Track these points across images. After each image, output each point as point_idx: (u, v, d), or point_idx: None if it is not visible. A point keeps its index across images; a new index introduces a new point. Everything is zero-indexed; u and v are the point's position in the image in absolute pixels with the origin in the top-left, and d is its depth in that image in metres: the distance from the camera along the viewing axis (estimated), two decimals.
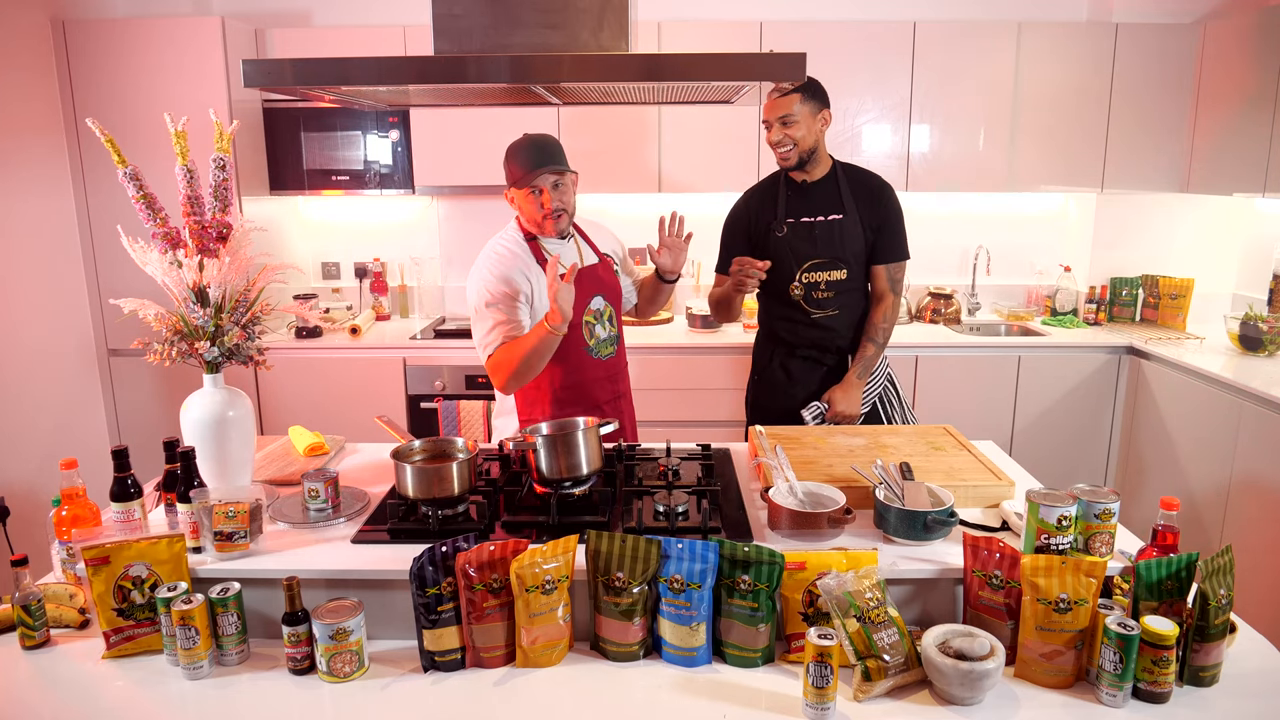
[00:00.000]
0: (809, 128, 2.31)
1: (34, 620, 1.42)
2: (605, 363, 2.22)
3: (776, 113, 2.29)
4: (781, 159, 2.36)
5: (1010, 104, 3.61)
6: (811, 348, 2.45)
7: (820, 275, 2.39)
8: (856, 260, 2.40)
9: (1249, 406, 2.83)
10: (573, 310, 1.96)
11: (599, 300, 2.19)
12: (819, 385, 2.46)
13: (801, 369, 2.47)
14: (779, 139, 2.32)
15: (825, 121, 2.35)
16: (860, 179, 2.42)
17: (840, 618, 1.31)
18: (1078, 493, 1.44)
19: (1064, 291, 3.95)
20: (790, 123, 2.29)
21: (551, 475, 1.69)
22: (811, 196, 2.40)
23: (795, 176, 2.41)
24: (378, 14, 3.80)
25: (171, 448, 1.61)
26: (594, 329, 2.18)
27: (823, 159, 2.39)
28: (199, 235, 1.64)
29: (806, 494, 1.63)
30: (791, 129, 2.29)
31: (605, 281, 2.23)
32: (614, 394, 2.26)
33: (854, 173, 2.44)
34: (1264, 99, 3.22)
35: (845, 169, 2.43)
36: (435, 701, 1.31)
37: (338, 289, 4.08)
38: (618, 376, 2.28)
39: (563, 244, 2.19)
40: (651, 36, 3.52)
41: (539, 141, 2.07)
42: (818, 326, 2.43)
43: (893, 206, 2.41)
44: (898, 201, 2.43)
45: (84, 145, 3.45)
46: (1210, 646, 1.30)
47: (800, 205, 2.41)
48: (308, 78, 1.54)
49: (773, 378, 2.53)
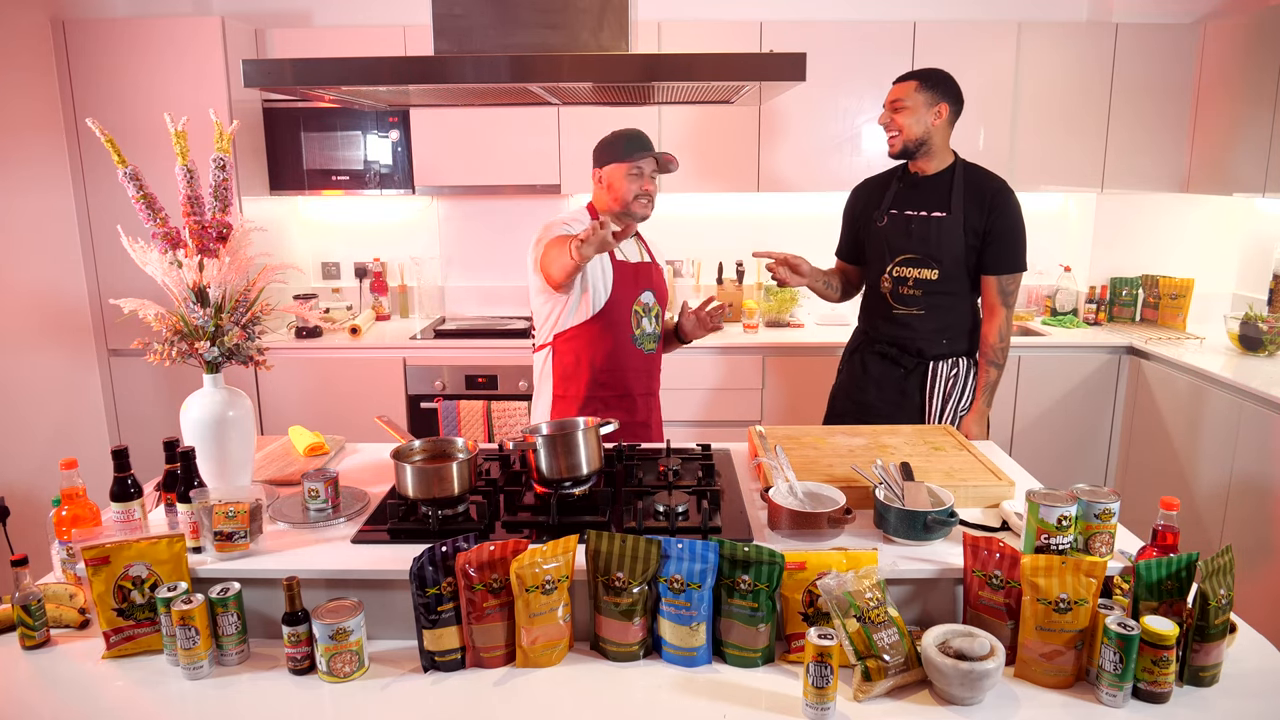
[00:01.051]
0: (919, 118, 2.29)
1: (34, 620, 1.42)
2: (647, 356, 2.29)
3: (890, 97, 2.31)
4: (889, 144, 2.36)
5: (1010, 104, 3.61)
6: (891, 345, 2.41)
7: (910, 271, 2.36)
8: (953, 262, 2.33)
9: (1249, 406, 2.83)
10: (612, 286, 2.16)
11: (649, 295, 2.28)
12: (893, 388, 2.41)
13: (879, 366, 2.44)
14: (886, 124, 2.33)
15: (940, 115, 2.31)
16: (977, 181, 2.35)
17: (840, 618, 1.31)
18: (1078, 493, 1.44)
19: (1064, 291, 3.95)
20: (900, 109, 2.28)
21: (551, 475, 1.69)
22: (921, 190, 2.38)
23: (911, 168, 2.40)
24: (378, 14, 3.80)
25: (171, 448, 1.61)
26: (641, 320, 2.25)
27: (939, 153, 2.35)
28: (199, 235, 1.64)
29: (806, 494, 1.64)
30: (900, 115, 2.29)
31: (656, 281, 2.32)
32: (648, 389, 2.32)
33: (974, 174, 2.37)
34: (1264, 99, 3.22)
35: (966, 169, 2.37)
36: (435, 701, 1.31)
37: (338, 289, 4.08)
38: (654, 373, 2.34)
39: (628, 240, 2.30)
40: (651, 36, 3.52)
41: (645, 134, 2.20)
42: (898, 323, 2.39)
43: (1008, 214, 2.32)
44: (1017, 209, 2.34)
45: (84, 145, 3.45)
46: (1210, 646, 1.30)
47: (907, 198, 2.39)
48: (308, 78, 1.54)
49: (851, 369, 2.52)
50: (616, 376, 2.25)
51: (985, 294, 2.37)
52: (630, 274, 2.25)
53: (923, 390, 2.41)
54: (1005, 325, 2.34)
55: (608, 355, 2.23)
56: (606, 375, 2.24)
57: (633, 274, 2.25)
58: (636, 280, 2.26)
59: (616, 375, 2.25)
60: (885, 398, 2.42)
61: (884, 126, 2.35)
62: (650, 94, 1.83)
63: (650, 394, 2.34)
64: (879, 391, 2.43)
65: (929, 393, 2.41)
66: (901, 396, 2.41)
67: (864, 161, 3.67)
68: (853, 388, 2.50)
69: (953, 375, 2.40)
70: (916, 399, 2.41)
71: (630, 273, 2.25)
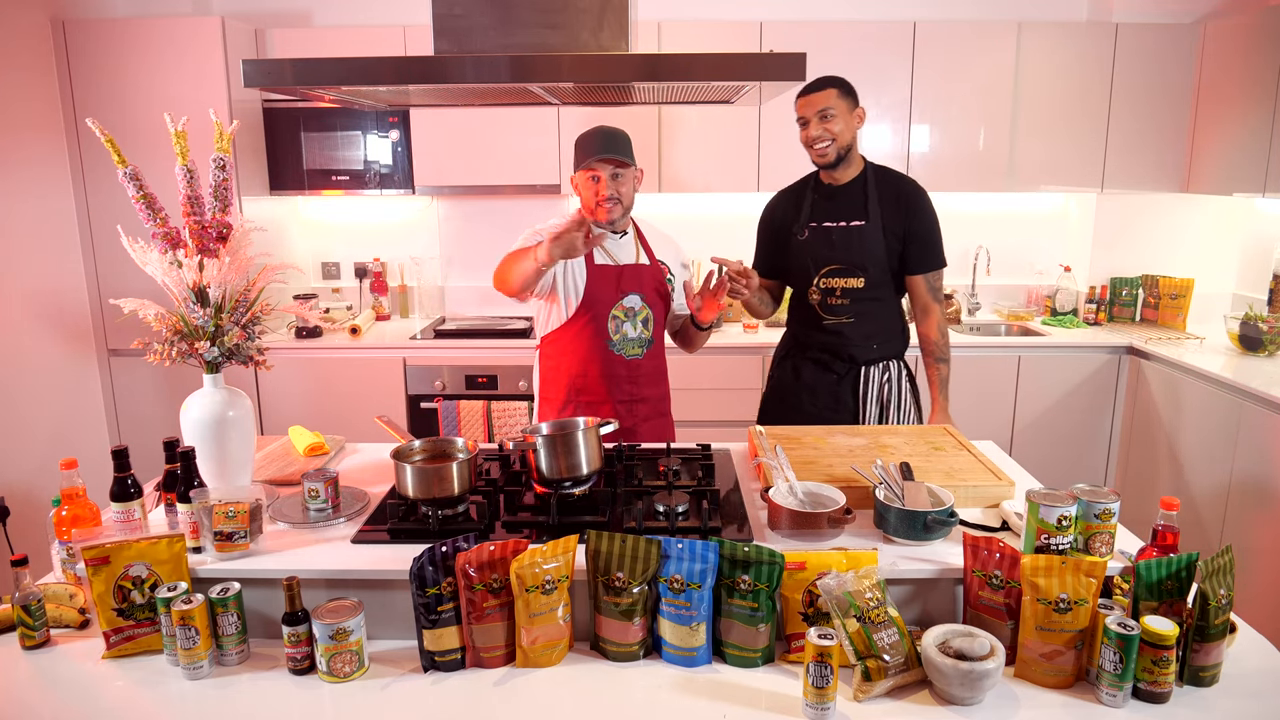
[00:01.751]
0: (847, 123, 2.25)
1: (34, 620, 1.42)
2: (629, 362, 2.22)
3: (814, 108, 2.23)
4: (819, 156, 2.29)
5: (1010, 104, 3.61)
6: (823, 352, 2.40)
7: (837, 282, 2.33)
8: (878, 268, 2.32)
9: (1249, 406, 2.83)
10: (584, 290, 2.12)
11: (634, 299, 2.20)
12: (826, 394, 2.40)
13: (811, 372, 2.42)
14: (817, 134, 2.24)
15: (860, 119, 2.29)
16: (890, 184, 2.34)
17: (840, 618, 1.31)
18: (1078, 493, 1.44)
19: (1064, 291, 3.95)
20: (829, 117, 2.22)
21: (551, 475, 1.69)
22: (837, 200, 2.34)
23: (824, 179, 2.37)
24: (378, 14, 3.80)
25: (171, 448, 1.61)
26: (621, 325, 2.19)
27: (855, 160, 2.33)
28: (199, 235, 1.64)
29: (806, 494, 1.63)
30: (830, 124, 2.23)
31: (648, 284, 2.23)
32: (631, 396, 2.23)
33: (885, 176, 2.36)
34: (1264, 99, 3.22)
35: (877, 172, 2.35)
36: (435, 701, 1.31)
37: (338, 289, 4.08)
38: (640, 380, 2.24)
39: (616, 238, 2.23)
40: (651, 36, 3.52)
41: (609, 131, 2.12)
42: (828, 332, 2.37)
43: (924, 213, 2.32)
44: (930, 207, 2.35)
45: (84, 145, 3.45)
46: (1210, 646, 1.30)
47: (825, 209, 2.36)
48: (308, 78, 1.54)
49: (783, 376, 2.50)
50: (591, 382, 2.20)
51: (915, 294, 2.35)
52: (610, 277, 2.18)
53: (856, 395, 2.39)
54: (942, 321, 2.35)
55: (582, 361, 2.19)
56: (582, 381, 2.20)
57: (613, 277, 2.18)
58: (618, 284, 2.18)
59: (591, 381, 2.19)
60: (819, 403, 2.39)
61: (811, 142, 2.27)
62: (650, 94, 1.83)
63: (636, 401, 2.25)
64: (812, 397, 2.41)
65: (863, 398, 2.38)
66: (835, 402, 2.39)
67: None
68: (786, 393, 2.47)
69: (885, 380, 2.39)
70: (850, 404, 2.39)
71: (610, 276, 2.18)
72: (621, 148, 2.12)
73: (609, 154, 2.09)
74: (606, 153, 2.09)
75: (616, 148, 2.10)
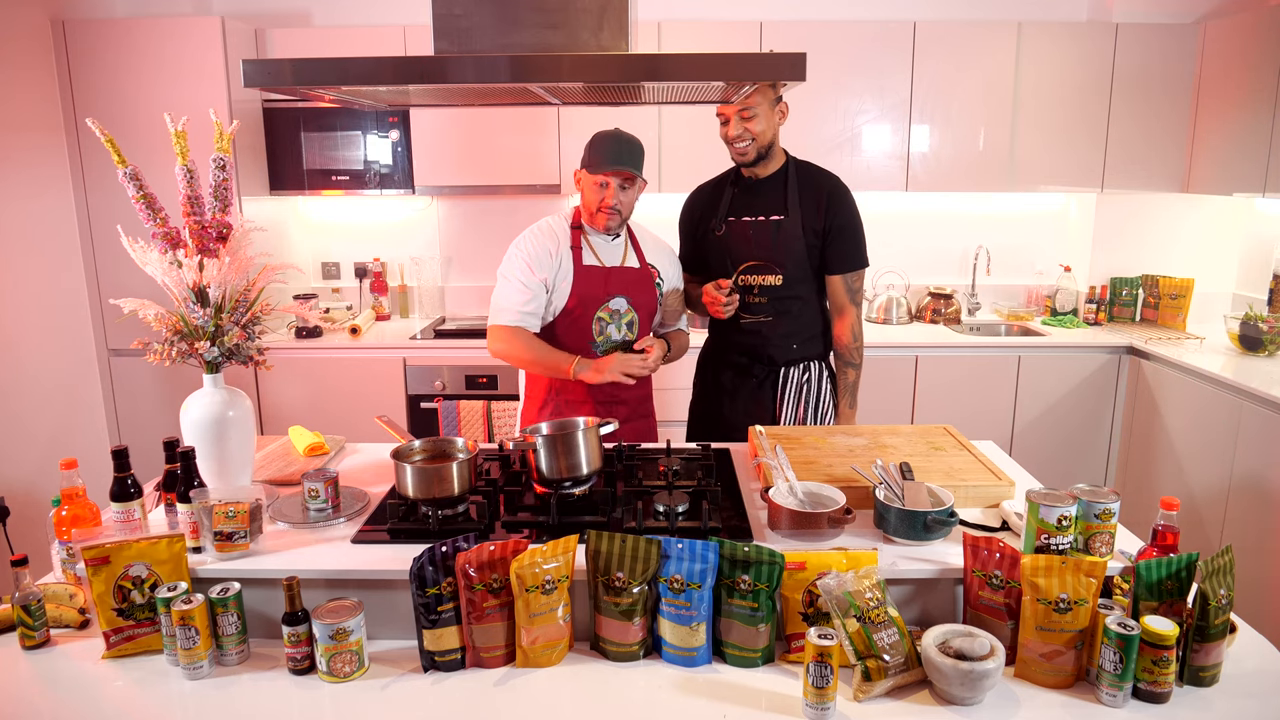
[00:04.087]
0: (768, 121, 2.18)
1: (34, 620, 1.42)
2: None
3: (734, 106, 2.15)
4: (738, 155, 2.23)
5: (1010, 104, 3.61)
6: (742, 354, 2.34)
7: (755, 279, 2.27)
8: (796, 265, 2.25)
9: (1249, 406, 2.83)
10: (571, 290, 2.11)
11: (620, 301, 2.19)
12: (746, 398, 2.34)
13: (730, 378, 2.38)
14: (737, 133, 2.18)
15: (783, 114, 2.22)
16: (811, 179, 2.27)
17: (840, 618, 1.31)
18: (1078, 493, 1.44)
19: (1064, 291, 3.95)
20: (750, 116, 2.15)
21: (551, 475, 1.69)
22: (758, 194, 2.28)
23: (745, 173, 2.31)
24: (378, 14, 3.80)
25: (171, 448, 1.61)
26: (605, 327, 2.18)
27: (777, 155, 2.26)
28: (199, 235, 1.64)
29: (806, 494, 1.63)
30: (751, 123, 2.16)
31: (636, 286, 2.21)
32: (613, 398, 2.22)
33: (806, 172, 2.28)
34: (1264, 99, 3.22)
35: (799, 167, 2.28)
36: (435, 701, 1.31)
37: (338, 289, 4.08)
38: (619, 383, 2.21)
39: (609, 241, 2.21)
40: (651, 36, 3.52)
41: (626, 140, 2.10)
42: (747, 332, 2.31)
43: (844, 211, 2.24)
44: (852, 205, 2.27)
45: (84, 145, 3.45)
46: (1210, 646, 1.30)
47: (744, 203, 2.29)
48: (308, 78, 1.54)
49: (704, 383, 2.45)
50: (572, 384, 2.17)
51: (832, 294, 2.29)
52: (597, 279, 2.16)
53: (775, 398, 2.34)
54: (857, 324, 2.28)
55: None
56: (561, 382, 2.18)
57: (601, 279, 2.17)
58: (605, 285, 2.17)
59: (572, 383, 2.16)
60: (738, 409, 2.35)
61: (731, 140, 2.21)
62: (650, 94, 1.83)
63: (616, 402, 2.23)
64: (732, 403, 2.36)
65: (780, 400, 2.33)
66: (755, 406, 2.34)
67: (865, 160, 3.67)
68: (707, 401, 2.44)
69: (805, 381, 2.33)
70: (770, 408, 2.34)
71: (597, 277, 2.16)
72: (636, 160, 2.10)
73: (624, 166, 2.07)
74: (622, 164, 2.07)
75: (632, 160, 2.09)
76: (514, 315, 2.12)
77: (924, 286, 4.05)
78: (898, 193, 3.74)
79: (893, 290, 3.97)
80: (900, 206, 4.02)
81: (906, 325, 3.89)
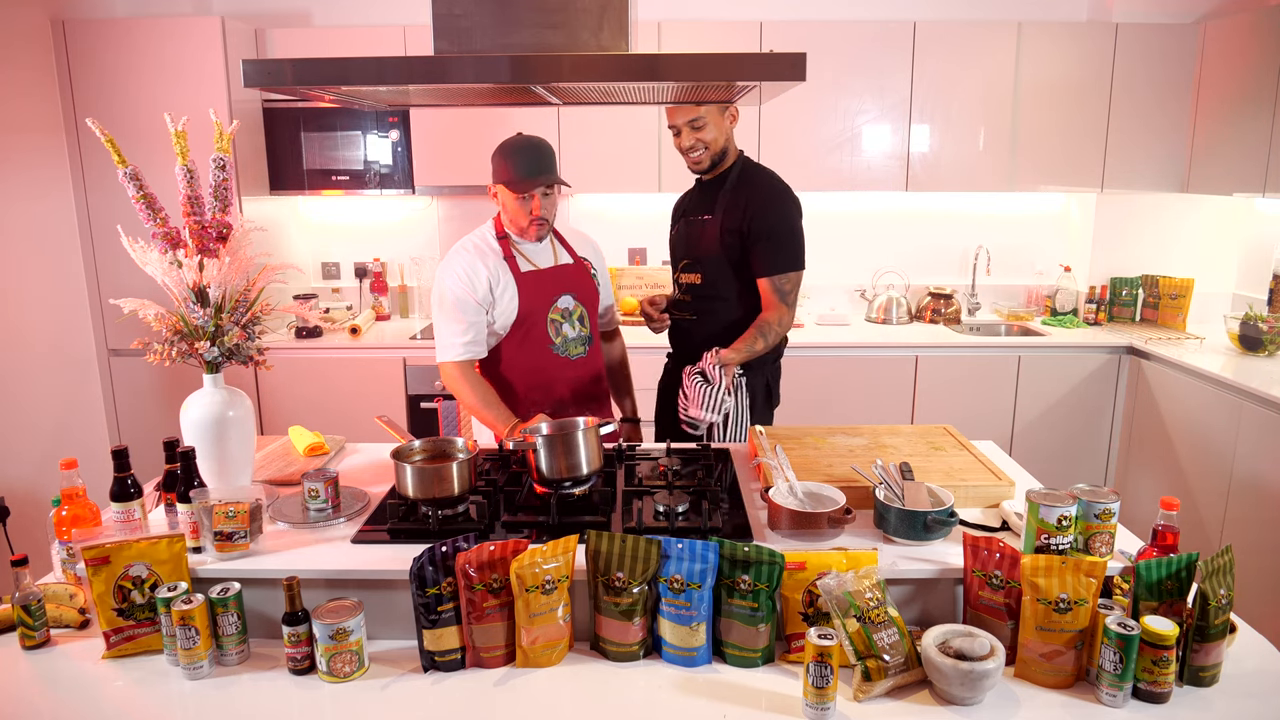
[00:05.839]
0: (719, 128, 2.16)
1: (34, 620, 1.42)
2: (575, 362, 2.18)
3: (683, 117, 2.14)
4: (693, 164, 2.22)
5: (1010, 104, 3.61)
6: (672, 353, 2.38)
7: (686, 277, 2.28)
8: (713, 264, 2.22)
9: (1249, 406, 2.83)
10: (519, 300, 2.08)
11: (567, 299, 2.17)
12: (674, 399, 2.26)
13: (666, 379, 2.43)
14: (690, 144, 2.17)
15: (733, 118, 2.19)
16: (746, 181, 2.22)
17: (840, 618, 1.31)
18: (1078, 493, 1.44)
19: (1064, 291, 3.95)
20: (700, 126, 2.14)
21: (552, 475, 1.69)
22: (705, 194, 2.28)
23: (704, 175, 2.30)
24: (378, 14, 3.80)
25: (171, 448, 1.61)
26: (561, 327, 2.16)
27: (730, 156, 2.24)
28: (199, 235, 1.64)
29: (806, 494, 1.64)
30: (702, 132, 2.14)
31: (577, 282, 2.21)
32: (587, 395, 2.21)
33: (746, 174, 2.24)
34: (1264, 99, 3.22)
35: (743, 169, 2.24)
36: (435, 701, 1.31)
37: (338, 289, 4.08)
38: (585, 379, 2.22)
39: (537, 245, 2.18)
40: (651, 36, 3.52)
41: (537, 147, 2.05)
42: (679, 330, 2.34)
43: (769, 215, 2.17)
44: (782, 208, 2.19)
45: (84, 145, 3.45)
46: (1210, 646, 1.30)
47: (696, 203, 2.31)
48: (308, 78, 1.54)
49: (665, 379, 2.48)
50: (545, 392, 2.16)
51: (762, 296, 2.21)
52: (540, 282, 2.13)
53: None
54: (786, 318, 2.19)
55: (530, 371, 2.15)
56: (533, 392, 2.16)
57: (543, 281, 2.14)
58: (552, 286, 2.15)
59: (544, 390, 2.15)
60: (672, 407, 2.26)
61: (684, 151, 2.19)
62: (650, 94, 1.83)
63: (593, 399, 2.23)
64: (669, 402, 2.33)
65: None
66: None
67: (864, 161, 3.67)
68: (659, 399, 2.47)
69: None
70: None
71: (541, 281, 2.14)
72: (552, 165, 2.06)
73: (546, 175, 2.03)
74: (543, 174, 2.03)
75: (549, 168, 2.05)
76: (457, 350, 2.08)
77: (924, 286, 4.05)
78: (898, 193, 3.74)
79: (893, 290, 3.97)
80: (900, 206, 4.03)
81: (906, 325, 3.89)
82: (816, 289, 4.07)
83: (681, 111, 2.15)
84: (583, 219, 4.03)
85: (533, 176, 2.02)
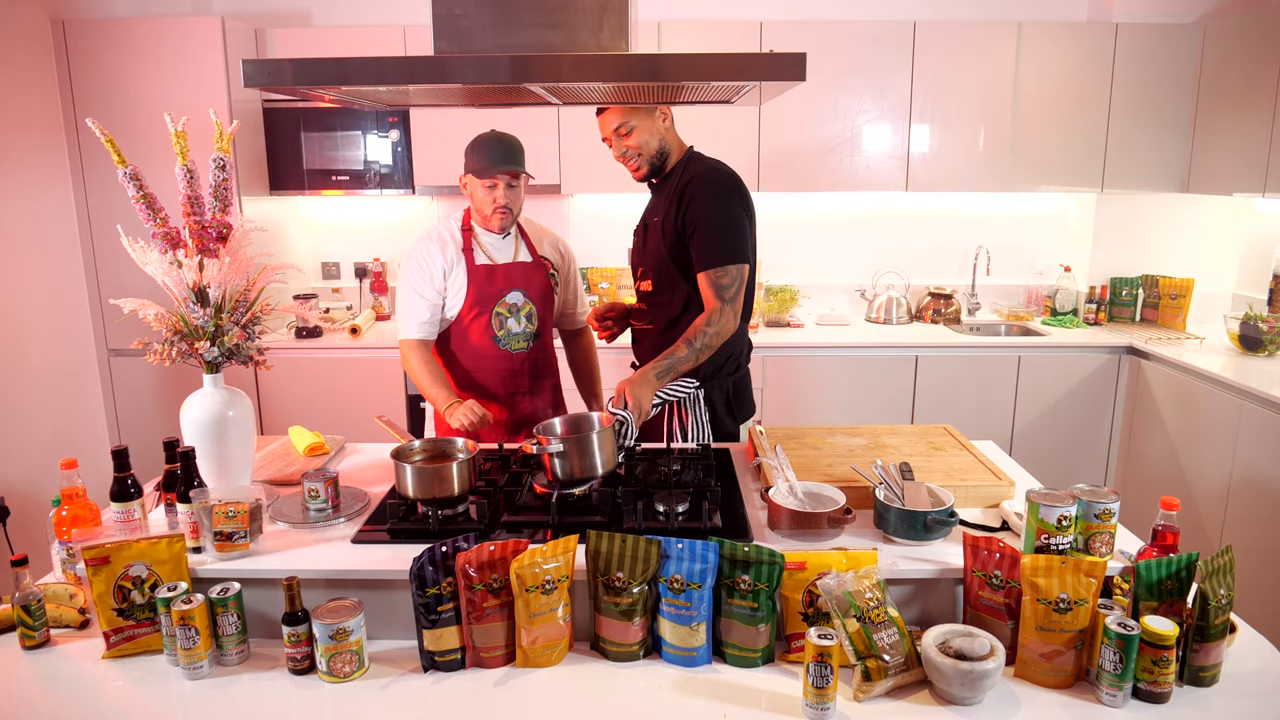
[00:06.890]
0: (649, 130, 2.06)
1: (34, 620, 1.42)
2: (513, 355, 2.30)
3: (609, 126, 2.06)
4: (634, 172, 2.12)
5: (1010, 104, 3.61)
6: (639, 359, 2.24)
7: (641, 285, 2.21)
8: (661, 268, 2.11)
9: (1249, 406, 2.83)
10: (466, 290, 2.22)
11: (517, 295, 2.28)
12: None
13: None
14: (622, 153, 2.09)
15: (665, 116, 2.09)
16: (686, 176, 2.08)
17: (840, 618, 1.31)
18: (1078, 493, 1.44)
19: (1064, 291, 3.95)
20: (627, 132, 2.05)
21: (566, 477, 1.69)
22: (654, 197, 2.20)
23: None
24: (378, 14, 3.80)
25: (171, 448, 1.61)
26: (505, 321, 2.27)
27: (676, 154, 2.13)
28: (199, 235, 1.64)
29: (806, 494, 1.64)
30: (630, 138, 2.05)
31: (530, 280, 2.31)
32: (515, 388, 2.31)
33: (689, 168, 2.10)
34: (1264, 99, 3.22)
35: (689, 164, 2.11)
36: (435, 701, 1.31)
37: (338, 289, 4.08)
38: (522, 373, 2.31)
39: (500, 239, 2.30)
40: (651, 36, 3.52)
41: (504, 140, 2.18)
42: (637, 340, 2.27)
43: (700, 205, 2.01)
44: (714, 200, 2.03)
45: (84, 145, 3.45)
46: (1210, 646, 1.30)
47: (651, 207, 2.21)
48: (308, 78, 1.53)
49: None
50: (479, 379, 2.29)
51: (702, 294, 2.03)
52: (489, 276, 2.25)
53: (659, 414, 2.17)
54: (720, 318, 1.99)
55: (469, 357, 2.29)
56: (465, 377, 2.30)
57: (496, 275, 2.25)
58: (504, 281, 2.26)
59: (479, 376, 2.29)
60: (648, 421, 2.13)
61: (621, 159, 2.11)
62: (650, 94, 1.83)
63: (523, 393, 2.31)
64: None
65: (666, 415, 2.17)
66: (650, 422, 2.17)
67: (864, 161, 3.67)
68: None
69: (683, 394, 2.13)
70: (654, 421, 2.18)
71: (492, 275, 2.25)
72: (517, 156, 2.18)
73: (510, 165, 2.15)
74: (506, 164, 2.15)
75: (513, 158, 2.17)
76: (412, 329, 2.25)
77: (924, 286, 4.05)
78: (898, 193, 3.74)
79: (893, 290, 3.97)
80: (900, 206, 4.03)
81: (906, 325, 3.89)
82: (816, 289, 4.07)
83: (607, 122, 2.07)
84: (583, 219, 4.03)
85: (497, 165, 2.15)
